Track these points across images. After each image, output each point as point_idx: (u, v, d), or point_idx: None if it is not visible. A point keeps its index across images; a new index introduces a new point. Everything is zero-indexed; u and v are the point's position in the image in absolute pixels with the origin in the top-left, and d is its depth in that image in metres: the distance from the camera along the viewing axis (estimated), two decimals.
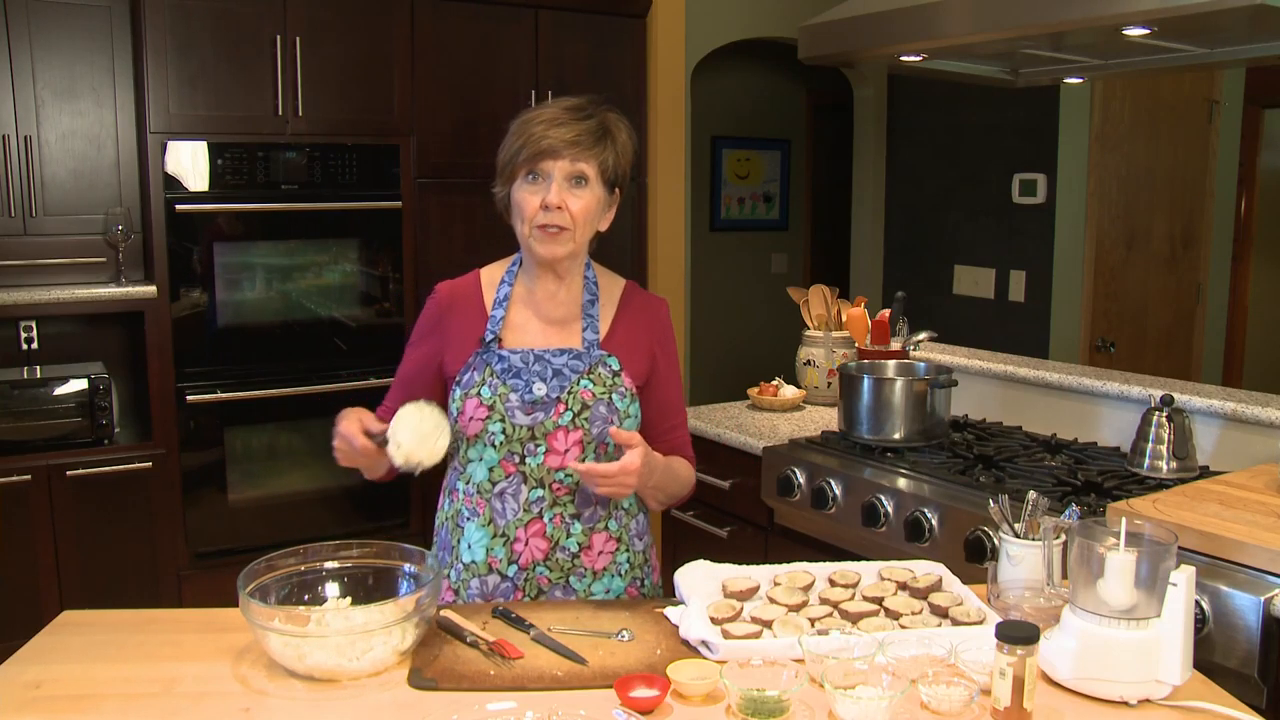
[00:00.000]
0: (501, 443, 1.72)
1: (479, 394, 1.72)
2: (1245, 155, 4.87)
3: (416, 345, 1.84)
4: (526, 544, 1.72)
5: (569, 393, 1.72)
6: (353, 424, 1.63)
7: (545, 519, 1.72)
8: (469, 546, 1.74)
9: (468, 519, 1.76)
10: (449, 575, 1.77)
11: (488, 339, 1.76)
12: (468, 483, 1.77)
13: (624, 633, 1.50)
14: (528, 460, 1.72)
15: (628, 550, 1.79)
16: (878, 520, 2.28)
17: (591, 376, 1.74)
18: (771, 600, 1.58)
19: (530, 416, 1.71)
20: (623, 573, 1.79)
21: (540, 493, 1.73)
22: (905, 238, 5.01)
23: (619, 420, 1.74)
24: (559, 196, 1.68)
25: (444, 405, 1.74)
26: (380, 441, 1.61)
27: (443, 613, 1.57)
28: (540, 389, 1.72)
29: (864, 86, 5.14)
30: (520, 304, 1.80)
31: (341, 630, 1.37)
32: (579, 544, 1.74)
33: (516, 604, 1.64)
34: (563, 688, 1.36)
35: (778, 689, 1.28)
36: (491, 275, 1.85)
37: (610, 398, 1.74)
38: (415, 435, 1.59)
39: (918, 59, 2.61)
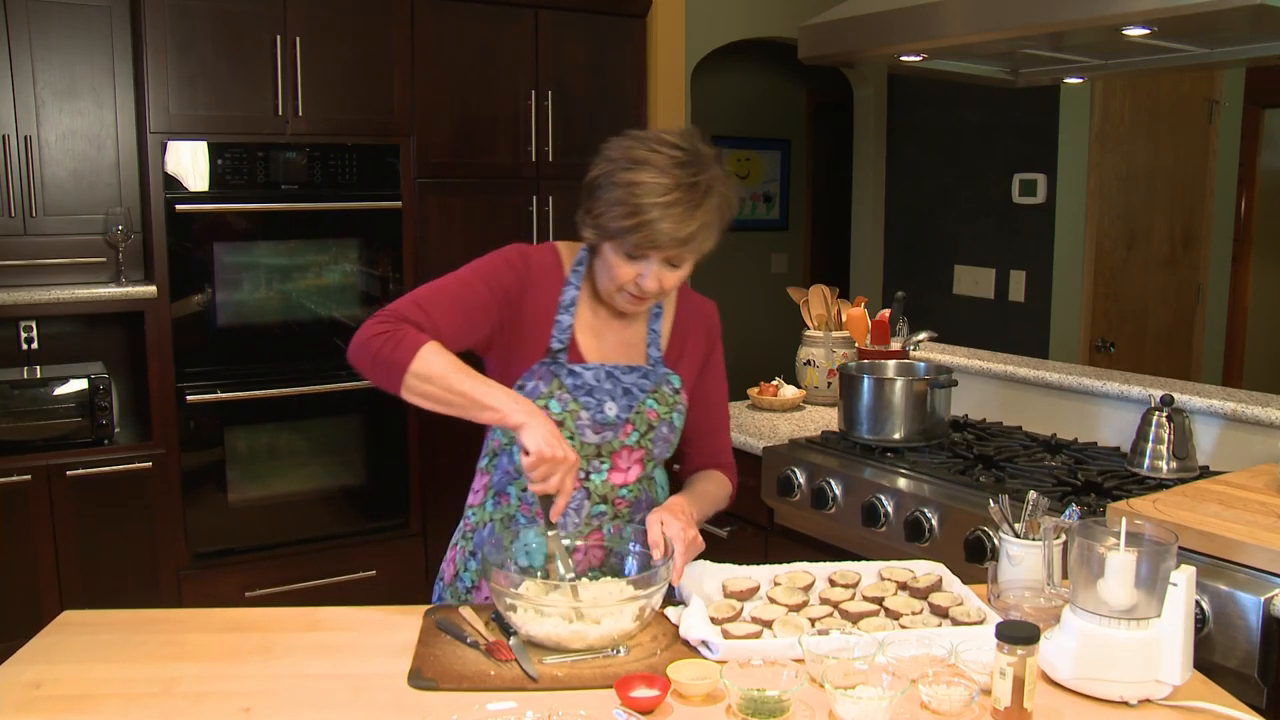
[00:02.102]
0: None
1: (547, 406, 1.66)
2: (1245, 155, 4.87)
3: (490, 288, 1.66)
4: (586, 553, 1.69)
5: (636, 413, 1.71)
6: (570, 479, 1.55)
7: (605, 530, 1.70)
8: (526, 551, 1.68)
9: (525, 525, 1.72)
10: (509, 570, 1.68)
11: (555, 348, 1.69)
12: (524, 490, 1.72)
13: (619, 649, 1.48)
14: (592, 477, 1.70)
15: None
16: (878, 520, 2.28)
17: (656, 396, 1.73)
18: (771, 600, 1.58)
19: (599, 435, 1.69)
20: None
21: (603, 508, 1.71)
22: (905, 238, 5.01)
23: (677, 438, 1.76)
24: (655, 282, 1.63)
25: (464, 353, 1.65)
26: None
27: (442, 613, 1.57)
28: (611, 409, 1.69)
29: (864, 86, 5.14)
30: (589, 313, 1.73)
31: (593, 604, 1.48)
32: None
33: None
34: (563, 688, 1.36)
35: (778, 689, 1.28)
36: (567, 261, 1.73)
37: (671, 417, 1.74)
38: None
39: (918, 59, 2.61)
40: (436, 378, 1.55)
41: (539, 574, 1.60)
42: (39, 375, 3.32)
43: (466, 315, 1.65)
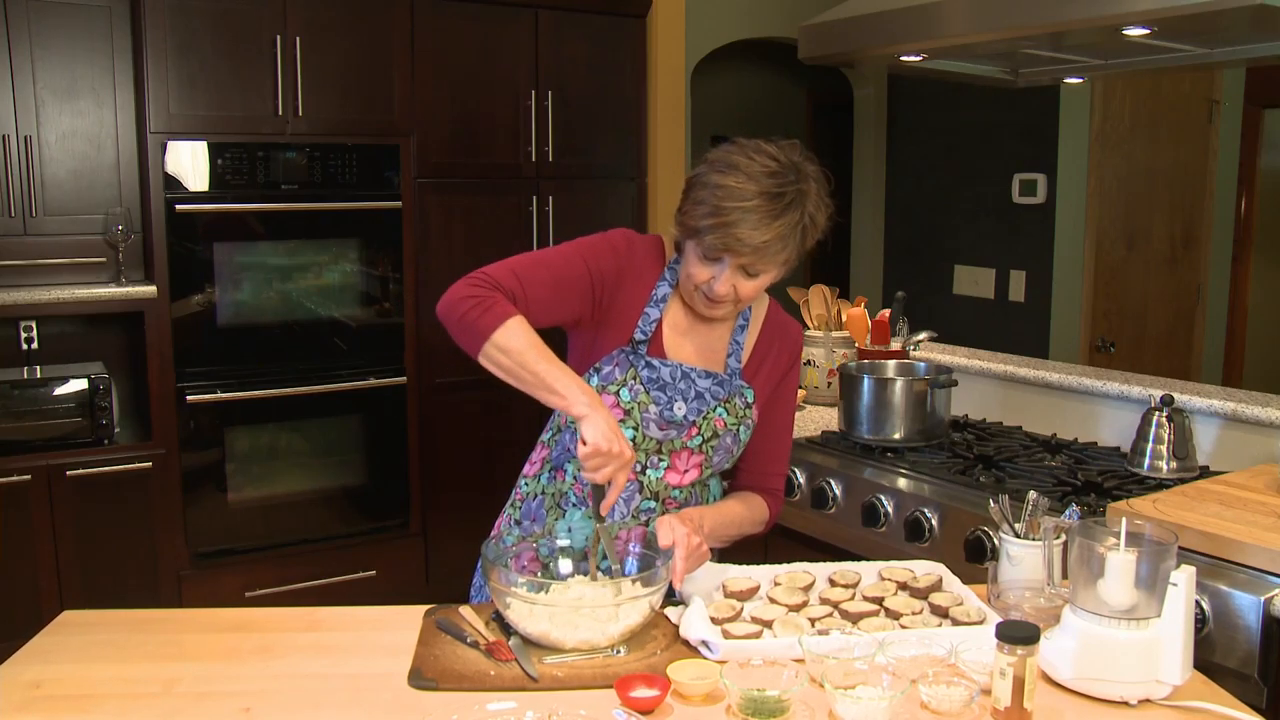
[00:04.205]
0: None
1: (618, 394, 1.68)
2: (1245, 155, 4.87)
3: (590, 269, 1.69)
4: (626, 544, 1.69)
5: (704, 418, 1.71)
6: (623, 475, 1.55)
7: (649, 527, 1.69)
8: (569, 530, 1.69)
9: (574, 505, 1.73)
10: (539, 548, 1.68)
11: (638, 339, 1.71)
12: (580, 469, 1.69)
13: (619, 649, 1.48)
14: (648, 472, 1.71)
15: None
16: (878, 520, 2.28)
17: (727, 406, 1.73)
18: (772, 600, 1.58)
19: (663, 432, 1.70)
20: None
21: (652, 504, 1.72)
22: (905, 238, 5.01)
23: (740, 451, 1.75)
24: (727, 287, 1.63)
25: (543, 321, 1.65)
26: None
27: (442, 613, 1.57)
28: (680, 409, 1.70)
29: (864, 86, 5.14)
30: (677, 311, 1.75)
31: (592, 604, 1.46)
32: None
33: None
34: (563, 688, 1.36)
35: (778, 689, 1.28)
36: (668, 256, 1.75)
37: (739, 430, 1.74)
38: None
39: (918, 59, 2.61)
40: (515, 352, 1.57)
41: (574, 557, 1.63)
42: (39, 375, 3.33)
43: (558, 292, 1.67)
